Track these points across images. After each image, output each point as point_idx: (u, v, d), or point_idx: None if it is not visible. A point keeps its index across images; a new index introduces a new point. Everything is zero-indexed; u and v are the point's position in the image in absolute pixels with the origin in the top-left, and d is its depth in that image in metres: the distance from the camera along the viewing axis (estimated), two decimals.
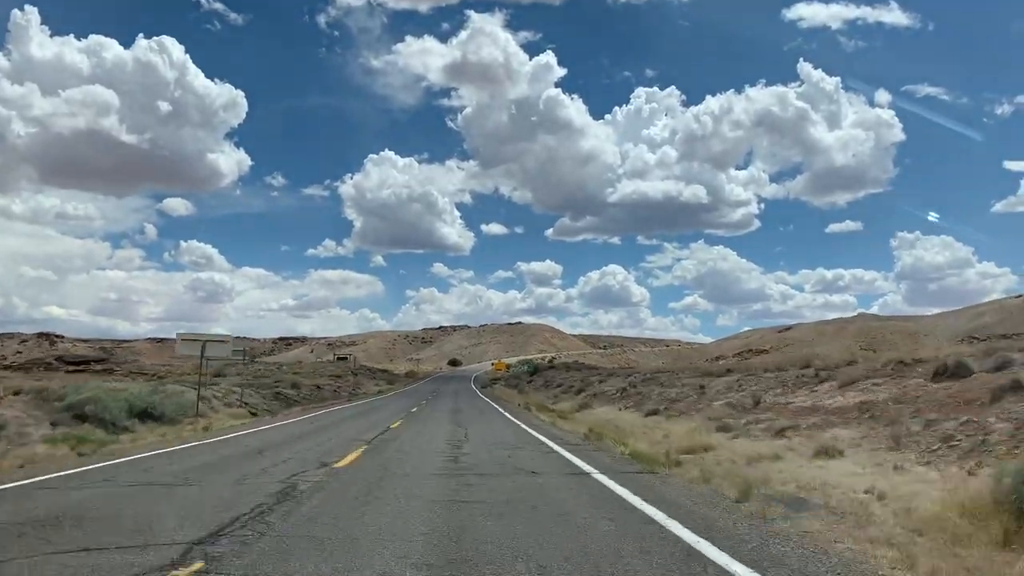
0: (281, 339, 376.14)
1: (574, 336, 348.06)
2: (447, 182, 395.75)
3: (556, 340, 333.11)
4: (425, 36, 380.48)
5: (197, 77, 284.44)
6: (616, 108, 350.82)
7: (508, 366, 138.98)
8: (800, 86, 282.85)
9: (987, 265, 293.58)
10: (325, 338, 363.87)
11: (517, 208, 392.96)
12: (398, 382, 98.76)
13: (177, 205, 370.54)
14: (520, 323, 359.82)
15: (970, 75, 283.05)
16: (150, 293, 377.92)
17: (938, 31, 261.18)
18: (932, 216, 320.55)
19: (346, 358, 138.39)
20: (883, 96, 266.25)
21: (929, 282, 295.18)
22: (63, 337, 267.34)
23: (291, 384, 48.80)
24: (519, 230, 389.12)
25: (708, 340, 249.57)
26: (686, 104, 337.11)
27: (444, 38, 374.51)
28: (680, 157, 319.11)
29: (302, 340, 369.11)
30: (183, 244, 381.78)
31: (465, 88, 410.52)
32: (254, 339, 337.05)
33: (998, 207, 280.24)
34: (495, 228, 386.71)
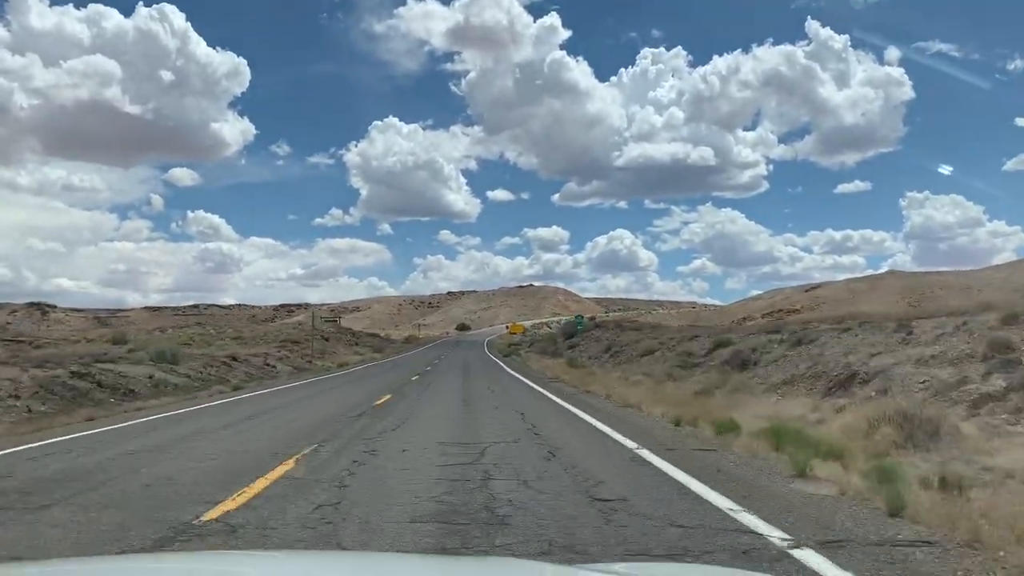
0: (283, 306, 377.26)
1: (588, 299, 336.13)
2: (452, 148, 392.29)
3: (570, 303, 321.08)
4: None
5: (199, 46, 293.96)
6: (622, 70, 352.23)
7: (525, 329, 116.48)
8: (808, 45, 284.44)
9: (998, 224, 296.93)
10: (327, 304, 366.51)
11: (523, 174, 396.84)
12: (388, 349, 76.04)
13: (183, 175, 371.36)
14: (532, 286, 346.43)
15: (983, 31, 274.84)
16: (159, 264, 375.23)
17: None
18: (944, 169, 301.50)
19: (336, 320, 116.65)
20: (893, 53, 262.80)
21: (939, 241, 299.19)
22: (55, 307, 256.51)
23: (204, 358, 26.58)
24: (525, 196, 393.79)
25: (718, 303, 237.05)
26: (693, 65, 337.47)
27: (447, 1, 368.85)
28: (687, 119, 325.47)
29: (304, 307, 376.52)
30: (190, 214, 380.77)
31: (468, 52, 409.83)
32: (255, 307, 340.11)
33: (1009, 165, 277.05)
34: (501, 194, 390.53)
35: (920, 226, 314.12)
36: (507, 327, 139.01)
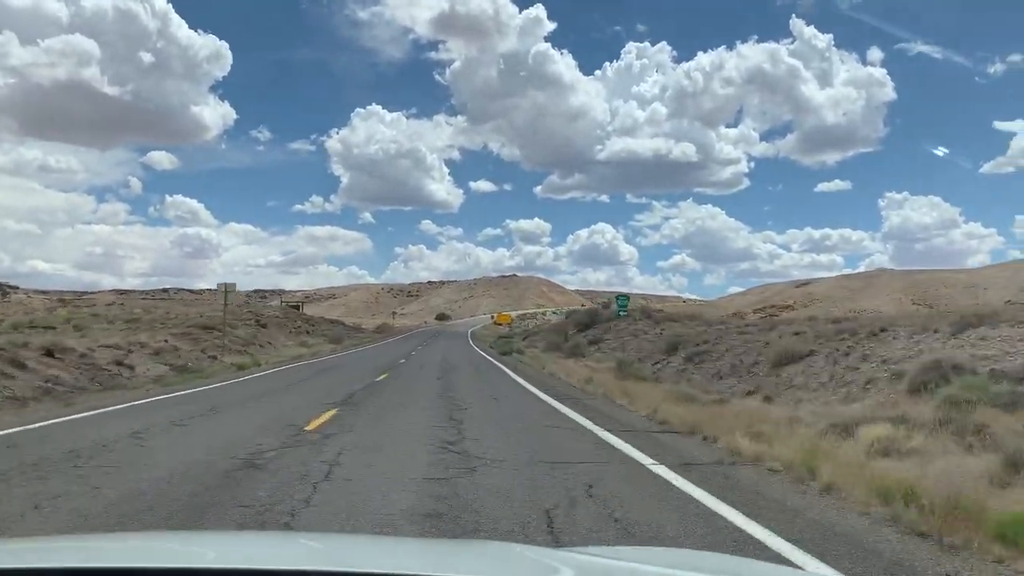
0: (256, 291, 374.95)
1: (572, 291, 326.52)
2: (435, 138, 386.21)
3: (553, 294, 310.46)
4: None
5: (180, 28, 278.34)
6: (606, 64, 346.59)
7: (512, 319, 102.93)
8: (792, 43, 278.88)
9: (973, 226, 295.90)
10: (302, 291, 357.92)
11: (506, 165, 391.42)
12: (350, 339, 61.73)
13: (161, 159, 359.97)
14: (514, 276, 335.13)
15: (964, 34, 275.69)
16: (136, 248, 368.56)
17: None
18: (940, 150, 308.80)
19: (298, 306, 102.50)
20: (876, 54, 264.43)
21: (916, 242, 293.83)
22: (17, 288, 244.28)
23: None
24: (508, 187, 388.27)
25: (701, 298, 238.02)
26: (677, 60, 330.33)
27: None
28: (670, 114, 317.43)
29: (278, 293, 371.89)
30: (168, 199, 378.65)
31: (453, 41, 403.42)
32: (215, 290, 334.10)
33: (987, 167, 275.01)
34: (484, 185, 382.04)
35: (898, 226, 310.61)
36: (493, 317, 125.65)
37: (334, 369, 25.88)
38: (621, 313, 27.56)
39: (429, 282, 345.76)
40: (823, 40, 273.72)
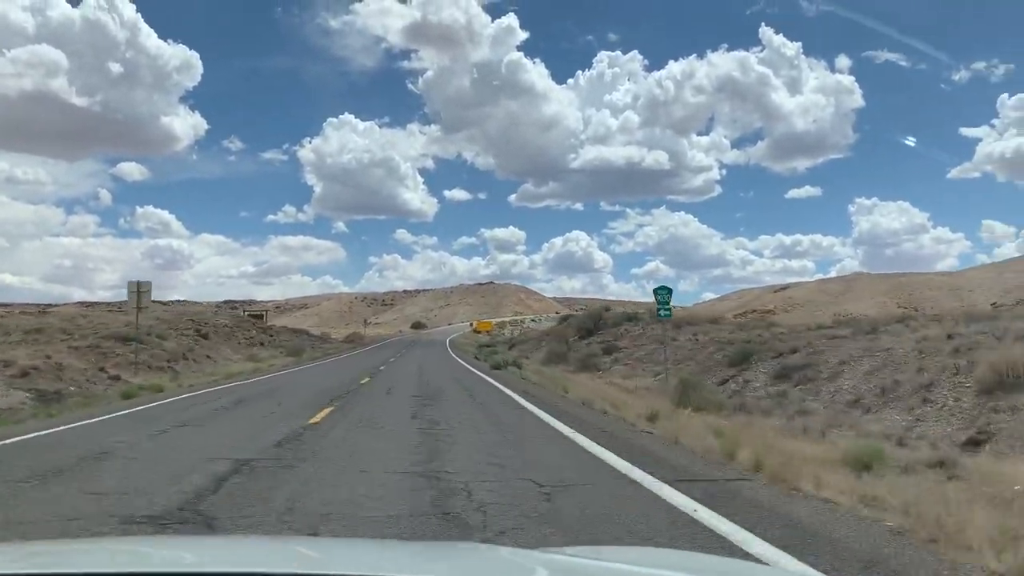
0: (227, 302, 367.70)
1: (550, 299, 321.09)
2: (409, 147, 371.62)
3: (531, 302, 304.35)
4: None
5: (150, 38, 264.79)
6: (579, 72, 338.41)
7: (493, 326, 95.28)
8: (762, 51, 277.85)
9: (942, 231, 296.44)
10: (273, 301, 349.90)
11: (480, 174, 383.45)
12: (315, 350, 53.49)
13: (131, 170, 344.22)
14: (492, 284, 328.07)
15: (929, 42, 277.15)
16: (106, 260, 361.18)
17: None
18: (909, 140, 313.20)
19: (261, 316, 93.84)
20: (844, 61, 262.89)
21: (886, 247, 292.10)
22: None
23: None
24: (482, 196, 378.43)
25: (678, 304, 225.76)
26: (649, 69, 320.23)
27: None
28: (643, 122, 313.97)
29: (249, 303, 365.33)
30: (139, 210, 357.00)
31: (426, 51, 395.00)
32: (197, 303, 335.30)
33: (953, 173, 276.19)
34: (458, 194, 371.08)
35: (868, 232, 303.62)
36: (472, 324, 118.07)
37: (262, 397, 17.72)
38: (663, 314, 19.88)
39: (404, 291, 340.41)
40: (792, 48, 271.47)
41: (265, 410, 14.30)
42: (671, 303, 21.09)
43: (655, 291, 21.04)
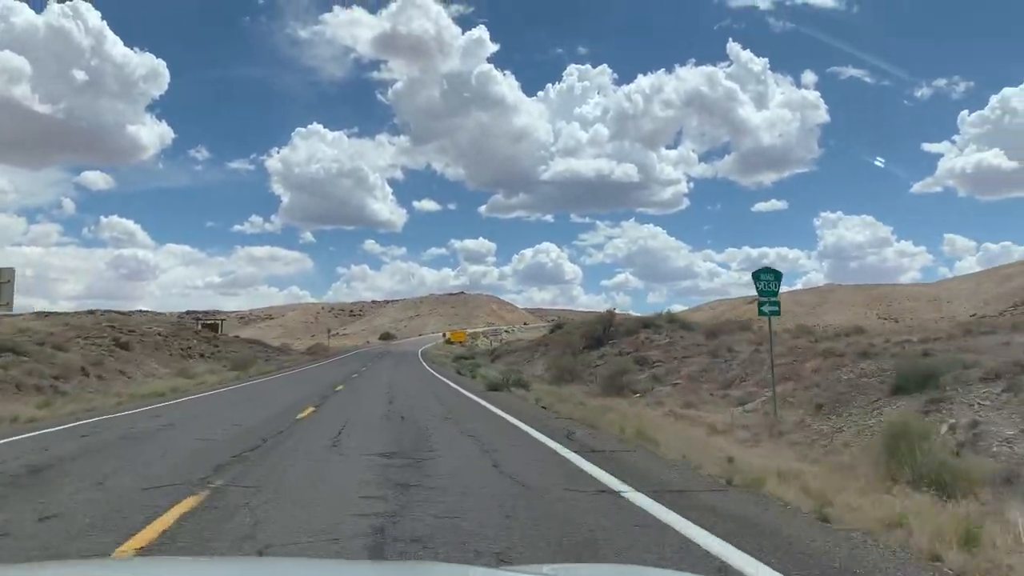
0: (189, 313, 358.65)
1: (523, 309, 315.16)
2: (378, 157, 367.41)
3: (503, 312, 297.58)
4: (354, 6, 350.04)
5: (116, 45, 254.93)
6: (549, 85, 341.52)
7: (467, 337, 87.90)
8: (729, 66, 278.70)
9: (905, 244, 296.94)
10: (237, 312, 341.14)
11: (450, 185, 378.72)
12: (268, 363, 45.45)
13: (96, 179, 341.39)
14: (463, 294, 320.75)
15: (892, 58, 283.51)
16: (69, 270, 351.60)
17: (863, 13, 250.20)
18: (878, 161, 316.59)
19: (216, 325, 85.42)
20: (809, 77, 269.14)
21: (850, 260, 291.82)
22: None
23: None
24: (452, 207, 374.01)
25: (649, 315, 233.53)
26: (618, 83, 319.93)
27: (373, 9, 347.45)
28: (612, 135, 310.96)
29: (212, 314, 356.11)
30: (103, 219, 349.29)
31: (395, 61, 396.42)
32: (159, 313, 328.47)
33: (916, 188, 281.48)
34: (428, 205, 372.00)
35: (833, 245, 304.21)
36: (444, 335, 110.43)
37: (108, 451, 10.07)
38: (769, 310, 12.73)
39: (373, 301, 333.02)
40: (759, 64, 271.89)
41: (63, 497, 6.66)
42: (778, 293, 13.89)
43: (756, 275, 13.76)
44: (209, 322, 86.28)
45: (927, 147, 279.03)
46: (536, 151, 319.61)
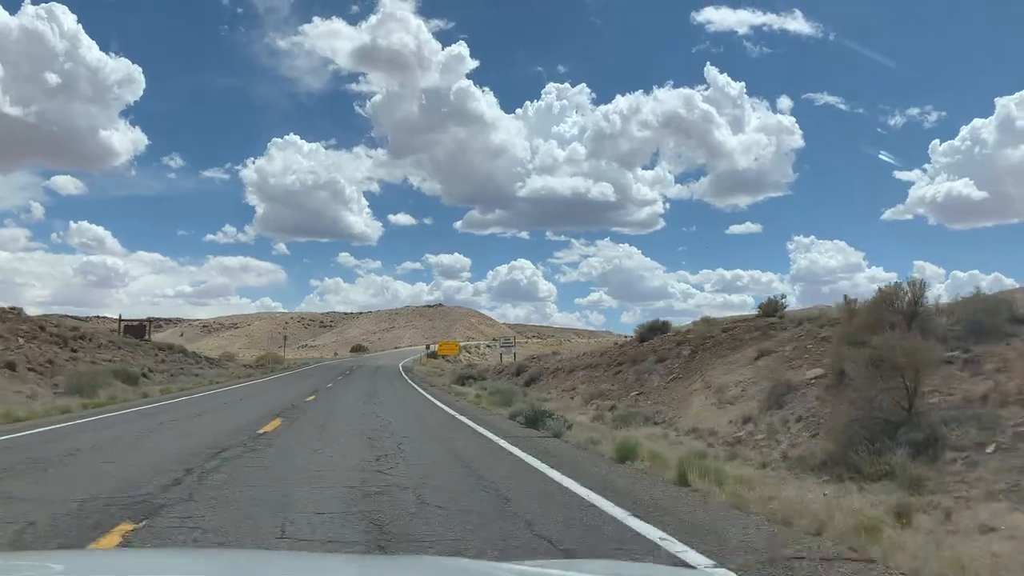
0: (149, 319, 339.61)
1: (504, 324, 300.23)
2: (354, 170, 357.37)
3: (484, 326, 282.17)
4: (333, 18, 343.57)
5: (91, 50, 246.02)
6: (527, 103, 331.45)
7: (459, 350, 70.96)
8: (706, 89, 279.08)
9: (876, 270, 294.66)
10: (199, 320, 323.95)
11: (426, 199, 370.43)
12: (100, 389, 27.82)
13: (66, 183, 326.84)
14: (441, 306, 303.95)
15: (866, 86, 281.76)
16: (36, 276, 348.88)
17: (838, 41, 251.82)
18: (884, 155, 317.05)
19: (142, 328, 67.99)
20: (785, 102, 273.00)
21: (822, 284, 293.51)
22: None
23: None
24: (428, 221, 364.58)
25: (630, 334, 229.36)
26: (596, 102, 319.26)
27: (353, 21, 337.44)
28: (589, 154, 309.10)
29: (175, 322, 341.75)
30: (73, 225, 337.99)
31: (374, 74, 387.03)
32: (114, 318, 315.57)
33: (888, 214, 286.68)
34: (403, 218, 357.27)
35: (805, 268, 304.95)
36: (428, 347, 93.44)
37: None
38: None
39: (345, 313, 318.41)
40: (735, 88, 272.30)
41: None
42: None
43: None
44: (132, 324, 68.03)
45: (899, 175, 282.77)
46: (513, 168, 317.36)
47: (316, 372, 47.73)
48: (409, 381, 38.13)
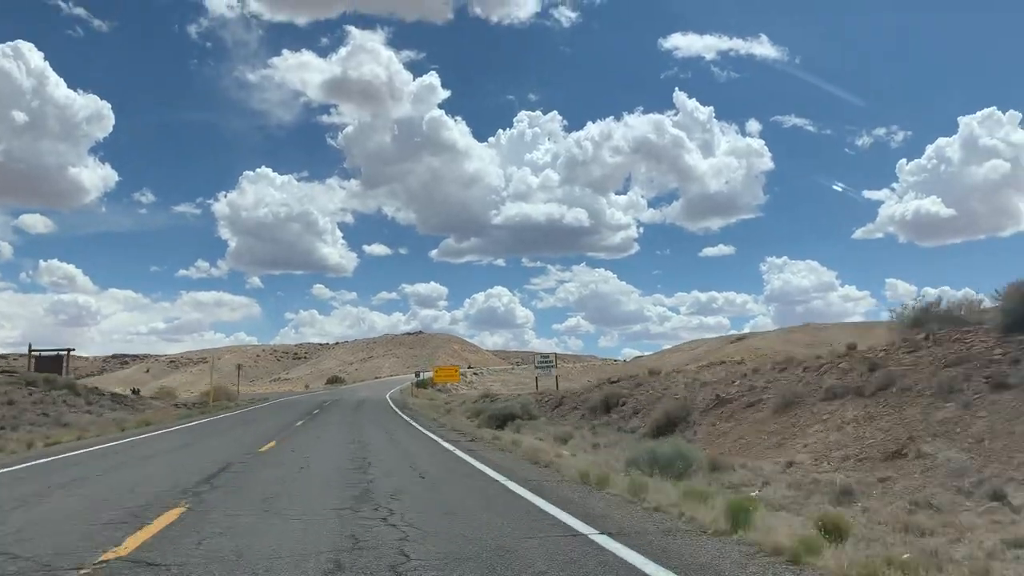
0: (114, 356, 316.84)
1: (488, 350, 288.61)
2: (328, 201, 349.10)
3: (467, 353, 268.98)
4: (303, 50, 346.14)
5: (59, 87, 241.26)
6: (500, 131, 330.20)
7: (459, 377, 57.37)
8: (676, 114, 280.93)
9: (849, 289, 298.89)
10: (166, 356, 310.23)
11: (401, 229, 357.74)
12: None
13: (35, 222, 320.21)
14: (421, 333, 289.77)
15: (833, 108, 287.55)
16: (5, 316, 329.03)
17: (805, 65, 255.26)
18: (838, 186, 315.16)
19: (59, 359, 54.65)
20: (754, 126, 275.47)
21: (796, 304, 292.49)
22: None
23: None
24: (403, 251, 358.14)
25: (615, 358, 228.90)
26: (568, 129, 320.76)
27: (323, 53, 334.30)
28: (562, 181, 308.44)
29: (141, 358, 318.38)
30: (43, 264, 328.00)
31: (346, 106, 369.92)
32: (81, 357, 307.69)
33: (858, 234, 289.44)
34: (378, 249, 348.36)
35: (779, 289, 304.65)
36: (418, 375, 79.68)
37: None
38: None
39: (320, 344, 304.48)
40: (704, 112, 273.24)
41: None
42: None
43: None
44: (47, 356, 53.30)
45: (868, 194, 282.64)
46: (487, 196, 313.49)
47: (271, 413, 33.43)
48: (418, 427, 24.15)
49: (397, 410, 32.34)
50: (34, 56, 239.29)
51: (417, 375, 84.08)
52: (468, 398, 44.82)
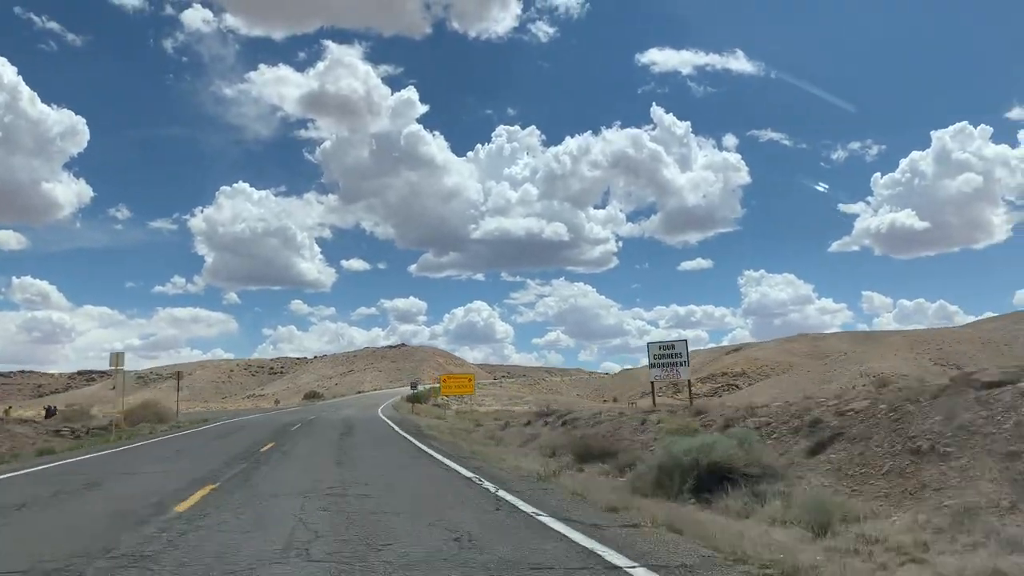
0: (80, 373, 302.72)
1: (472, 364, 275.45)
2: (305, 216, 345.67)
3: (452, 366, 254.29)
4: (280, 65, 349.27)
5: (33, 102, 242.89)
6: (478, 145, 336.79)
7: (474, 389, 43.75)
8: (653, 129, 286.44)
9: (826, 301, 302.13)
10: (134, 371, 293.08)
11: (379, 243, 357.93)
12: None
13: (8, 238, 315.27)
14: (404, 346, 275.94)
15: (809, 122, 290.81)
16: None
17: (780, 80, 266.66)
18: (821, 186, 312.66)
19: None
20: (731, 140, 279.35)
21: (774, 317, 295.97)
22: None
23: None
24: (382, 266, 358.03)
25: (602, 371, 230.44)
26: (546, 144, 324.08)
27: (301, 68, 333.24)
28: (541, 195, 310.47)
29: (110, 374, 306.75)
30: (15, 280, 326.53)
31: (323, 120, 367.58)
32: (43, 373, 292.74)
33: (834, 247, 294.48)
34: (357, 264, 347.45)
35: (756, 302, 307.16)
36: (415, 387, 66.20)
37: None
38: None
39: (298, 358, 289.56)
40: (682, 127, 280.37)
41: None
42: None
43: None
44: None
45: (844, 208, 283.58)
46: (466, 210, 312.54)
47: (169, 455, 18.97)
48: (512, 499, 10.52)
49: (413, 439, 18.66)
50: (6, 70, 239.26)
51: (413, 387, 70.73)
52: (498, 416, 31.15)
